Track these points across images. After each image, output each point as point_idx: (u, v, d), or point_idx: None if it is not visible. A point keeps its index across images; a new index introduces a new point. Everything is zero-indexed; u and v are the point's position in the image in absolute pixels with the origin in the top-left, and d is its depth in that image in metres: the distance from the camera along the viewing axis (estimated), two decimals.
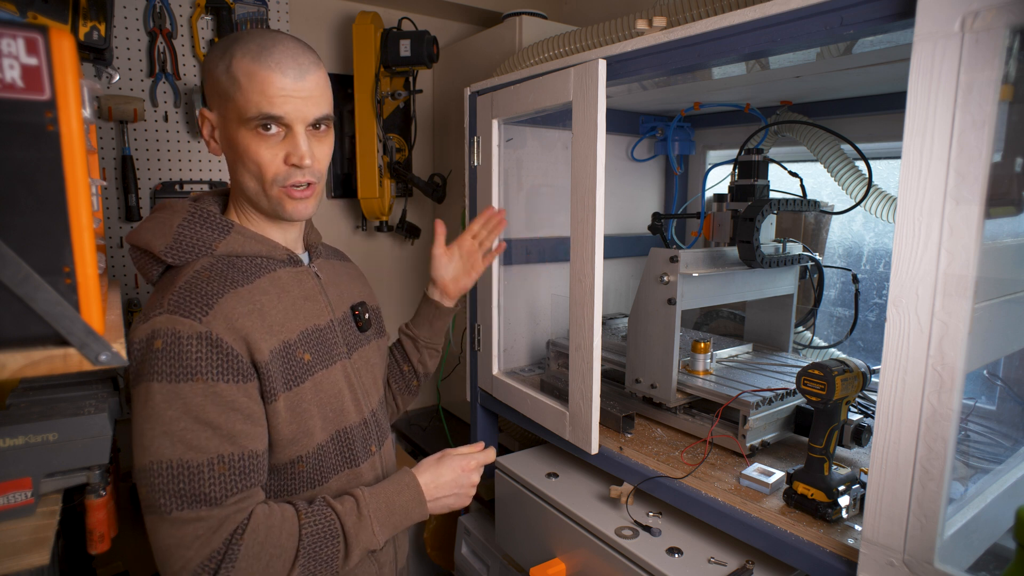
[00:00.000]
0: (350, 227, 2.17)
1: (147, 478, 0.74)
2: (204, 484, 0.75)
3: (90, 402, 0.85)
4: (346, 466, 0.92)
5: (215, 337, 0.77)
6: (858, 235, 1.55)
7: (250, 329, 0.80)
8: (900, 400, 0.74)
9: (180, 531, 0.74)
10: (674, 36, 1.00)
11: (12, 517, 0.76)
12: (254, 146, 0.81)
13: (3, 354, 0.54)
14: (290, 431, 0.84)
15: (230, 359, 0.78)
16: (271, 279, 0.87)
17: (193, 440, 0.75)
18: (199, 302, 0.78)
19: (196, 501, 0.74)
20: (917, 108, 0.69)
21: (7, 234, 0.53)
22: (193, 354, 0.76)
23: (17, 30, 0.51)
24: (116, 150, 1.71)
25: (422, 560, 2.09)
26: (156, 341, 0.76)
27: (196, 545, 0.74)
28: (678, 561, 1.01)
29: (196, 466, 0.75)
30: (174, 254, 0.83)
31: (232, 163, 0.86)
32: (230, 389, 0.77)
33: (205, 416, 0.76)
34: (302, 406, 0.85)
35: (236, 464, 0.77)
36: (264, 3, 1.84)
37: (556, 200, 1.64)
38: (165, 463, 0.74)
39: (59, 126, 0.54)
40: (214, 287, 0.80)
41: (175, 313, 0.77)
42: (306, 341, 0.87)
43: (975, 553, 0.85)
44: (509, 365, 1.61)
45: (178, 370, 0.75)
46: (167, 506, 0.74)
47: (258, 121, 0.80)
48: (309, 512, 0.81)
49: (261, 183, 0.84)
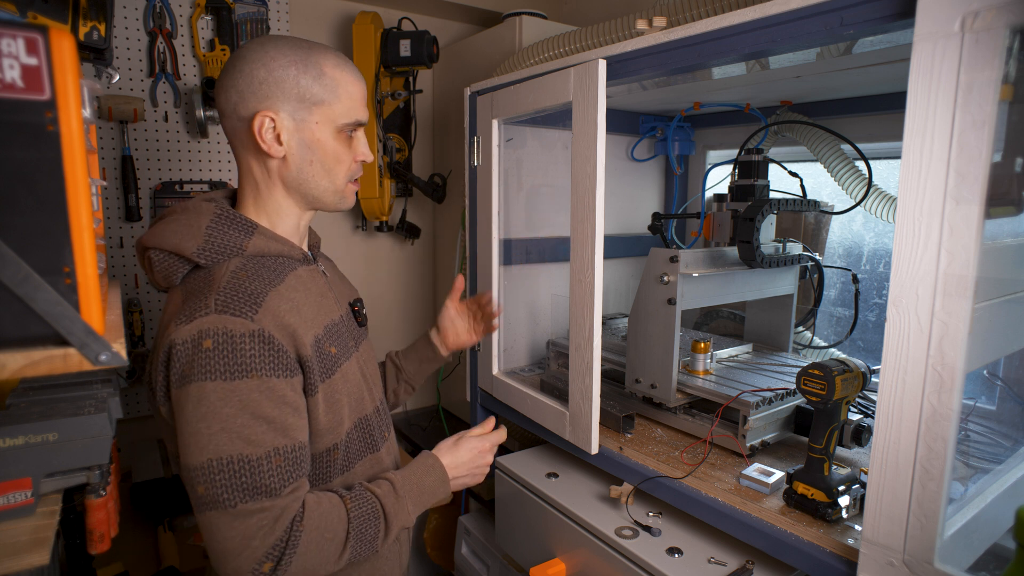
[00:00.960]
0: (350, 227, 2.17)
1: (207, 475, 0.77)
2: (264, 476, 0.78)
3: (90, 402, 0.85)
4: (368, 451, 0.97)
5: (267, 334, 0.80)
6: (858, 235, 1.55)
7: (296, 325, 0.84)
8: (900, 400, 0.74)
9: (244, 523, 0.77)
10: (674, 36, 1.00)
11: (12, 517, 0.76)
12: (342, 148, 0.90)
13: (3, 354, 0.54)
14: (327, 421, 0.88)
15: (280, 355, 0.81)
16: (295, 277, 0.90)
17: (251, 435, 0.78)
18: (248, 301, 0.80)
19: (258, 493, 0.77)
20: (917, 108, 0.69)
21: (7, 234, 0.53)
22: (247, 352, 0.78)
23: (17, 30, 0.51)
24: (116, 150, 1.71)
25: (422, 560, 2.09)
26: (205, 341, 0.77)
27: (260, 535, 0.77)
28: (678, 561, 1.01)
29: (256, 460, 0.78)
30: (207, 255, 0.84)
31: (304, 163, 0.89)
32: (281, 384, 0.80)
33: (261, 411, 0.78)
34: (335, 396, 0.90)
35: (290, 455, 0.81)
36: (264, 3, 1.84)
37: (556, 200, 1.64)
38: (226, 459, 0.77)
39: (59, 126, 0.54)
40: (258, 286, 0.83)
41: (224, 312, 0.78)
42: (329, 335, 0.91)
43: (975, 553, 0.85)
44: (509, 365, 1.61)
45: (233, 368, 0.77)
46: (231, 500, 0.77)
47: (352, 126, 0.90)
48: (352, 497, 0.87)
49: (335, 180, 0.91)
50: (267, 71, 0.85)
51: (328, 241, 2.11)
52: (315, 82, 0.86)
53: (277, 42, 0.87)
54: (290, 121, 0.87)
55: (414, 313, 2.34)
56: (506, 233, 1.52)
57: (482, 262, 1.51)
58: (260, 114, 0.85)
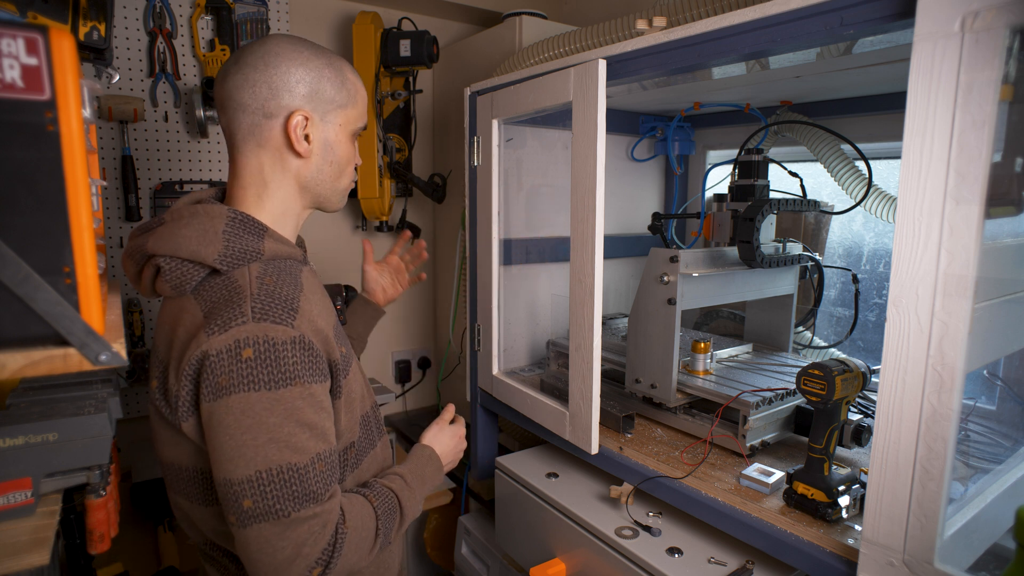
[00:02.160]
0: (350, 227, 2.17)
1: (256, 487, 0.75)
2: (311, 482, 0.78)
3: (90, 402, 0.85)
4: (371, 447, 0.99)
5: (307, 340, 0.79)
6: (858, 235, 1.55)
7: (325, 329, 0.84)
8: (900, 400, 0.74)
9: (297, 531, 0.76)
10: (674, 36, 1.00)
11: (12, 517, 0.76)
12: (352, 150, 0.95)
13: (3, 354, 0.54)
14: (347, 421, 0.90)
15: (318, 360, 0.81)
16: (306, 279, 0.89)
17: (297, 443, 0.77)
18: (285, 307, 0.79)
19: (307, 500, 0.77)
20: (917, 108, 0.69)
21: (7, 234, 0.53)
22: (290, 359, 0.77)
23: (17, 30, 0.51)
24: (116, 150, 1.70)
25: (422, 560, 2.09)
26: (245, 351, 0.75)
27: (311, 541, 0.77)
28: (678, 561, 1.01)
29: (303, 467, 0.77)
30: (229, 261, 0.81)
31: (322, 164, 0.91)
32: (320, 389, 0.81)
33: (305, 418, 0.78)
34: (351, 396, 0.91)
35: (328, 459, 0.81)
36: (264, 3, 1.84)
37: (556, 200, 1.64)
38: (275, 469, 0.75)
39: (59, 126, 0.54)
40: (288, 291, 0.82)
41: (264, 320, 0.76)
42: (338, 335, 0.91)
43: (975, 553, 0.85)
44: (509, 365, 1.61)
45: (277, 376, 0.76)
46: (284, 509, 0.76)
47: (360, 131, 0.95)
48: (375, 494, 0.90)
49: (343, 181, 0.95)
50: (306, 71, 0.86)
51: (328, 241, 2.11)
52: (341, 87, 0.90)
53: (305, 43, 0.88)
54: (321, 121, 0.89)
55: (414, 312, 2.34)
56: (506, 233, 1.52)
57: (482, 262, 1.51)
58: (298, 112, 0.85)
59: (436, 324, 2.37)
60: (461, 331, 1.94)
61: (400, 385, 2.32)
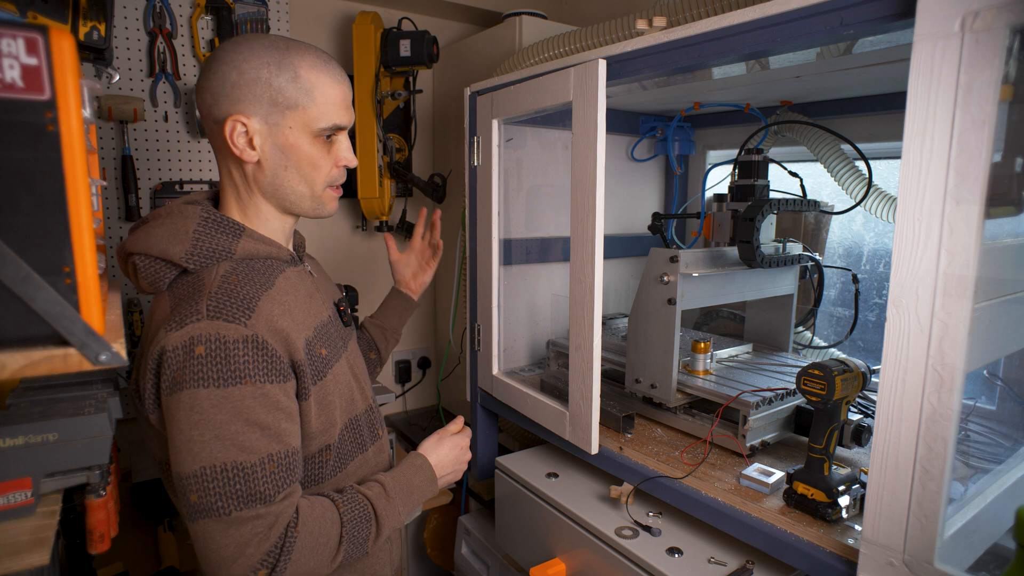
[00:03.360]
0: (350, 227, 2.17)
1: (200, 483, 0.76)
2: (258, 483, 0.77)
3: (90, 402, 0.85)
4: (358, 452, 0.97)
5: (261, 340, 0.79)
6: (858, 235, 1.55)
7: (288, 330, 0.83)
8: (900, 400, 0.74)
9: (239, 530, 0.76)
10: (674, 36, 1.00)
11: (12, 517, 0.76)
12: (318, 153, 0.87)
13: (3, 354, 0.54)
14: (320, 424, 0.88)
15: (274, 360, 0.80)
16: (284, 279, 0.89)
17: (245, 442, 0.77)
18: (240, 306, 0.79)
19: (252, 500, 0.77)
20: (917, 108, 0.69)
21: (7, 234, 0.53)
22: (241, 358, 0.77)
23: (17, 30, 0.51)
24: (116, 150, 1.70)
25: (422, 560, 2.09)
26: (198, 347, 0.76)
27: (255, 542, 0.77)
28: (678, 561, 1.01)
29: (250, 466, 0.77)
30: (195, 260, 0.83)
31: (279, 167, 0.86)
32: (275, 389, 0.80)
33: (255, 417, 0.78)
34: (327, 399, 0.89)
35: (284, 461, 0.80)
36: (264, 3, 1.84)
37: (556, 200, 1.64)
38: (219, 466, 0.76)
39: (59, 126, 0.54)
40: (249, 290, 0.82)
41: (217, 318, 0.77)
42: (320, 337, 0.90)
43: (975, 553, 0.85)
44: (509, 365, 1.61)
45: (226, 374, 0.76)
46: (226, 507, 0.76)
47: (330, 131, 0.87)
48: (345, 500, 0.87)
49: (313, 186, 0.89)
50: (239, 73, 0.82)
51: (328, 241, 2.11)
52: (289, 84, 0.83)
53: (252, 42, 0.84)
54: (263, 125, 0.84)
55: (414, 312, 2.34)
56: (506, 233, 1.52)
57: (482, 262, 1.51)
58: (232, 118, 0.83)
59: (436, 324, 2.37)
60: (461, 331, 1.94)
61: (400, 385, 2.32)
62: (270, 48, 0.83)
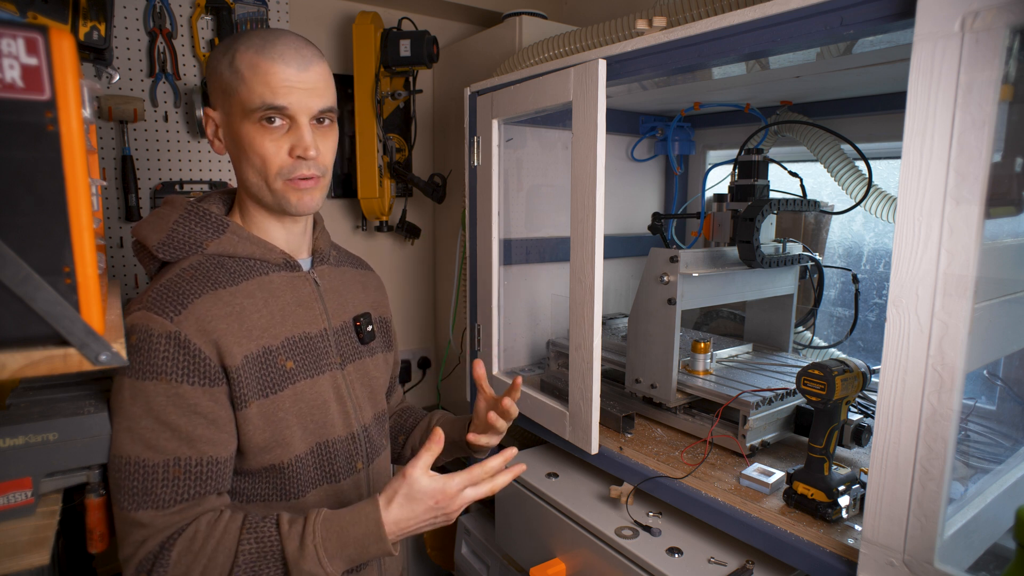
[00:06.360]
0: (350, 227, 2.16)
1: (111, 471, 0.78)
2: (156, 485, 0.76)
3: (90, 402, 0.85)
4: (325, 480, 0.89)
5: (184, 338, 0.77)
6: (858, 235, 1.55)
7: (223, 332, 0.80)
8: (900, 400, 0.74)
9: (127, 528, 0.77)
10: (674, 36, 1.00)
11: (12, 517, 0.76)
12: (258, 139, 0.81)
13: (3, 354, 0.54)
14: (263, 439, 0.83)
15: (197, 361, 0.78)
16: (260, 283, 0.86)
17: (152, 440, 0.76)
18: (174, 301, 0.79)
19: (145, 503, 0.76)
20: (917, 108, 0.69)
21: (7, 234, 0.53)
22: (160, 353, 0.76)
23: (17, 30, 0.51)
24: (116, 150, 1.70)
25: (422, 560, 2.09)
26: (132, 336, 0.77)
27: (136, 544, 0.77)
28: (678, 561, 1.01)
29: (152, 466, 0.76)
30: (165, 250, 0.84)
31: (236, 159, 0.85)
32: (194, 392, 0.78)
33: (166, 417, 0.77)
34: (278, 415, 0.84)
35: (192, 468, 0.78)
36: (264, 3, 1.84)
37: (556, 200, 1.64)
38: (125, 459, 0.76)
39: (59, 126, 0.54)
40: (193, 287, 0.81)
41: (150, 310, 0.78)
42: (291, 348, 0.86)
43: (975, 553, 0.85)
44: (509, 365, 1.60)
45: (145, 368, 0.76)
46: (121, 502, 0.77)
47: (262, 112, 0.80)
48: (254, 528, 0.77)
49: (265, 177, 0.83)
50: (209, 67, 0.85)
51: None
52: (227, 70, 0.81)
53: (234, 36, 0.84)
54: (221, 116, 0.85)
55: (414, 313, 2.34)
56: (506, 233, 1.52)
57: (482, 262, 1.51)
58: (204, 111, 0.87)
59: (436, 324, 2.36)
60: (461, 331, 1.94)
61: (400, 385, 2.32)
62: (232, 37, 0.84)
